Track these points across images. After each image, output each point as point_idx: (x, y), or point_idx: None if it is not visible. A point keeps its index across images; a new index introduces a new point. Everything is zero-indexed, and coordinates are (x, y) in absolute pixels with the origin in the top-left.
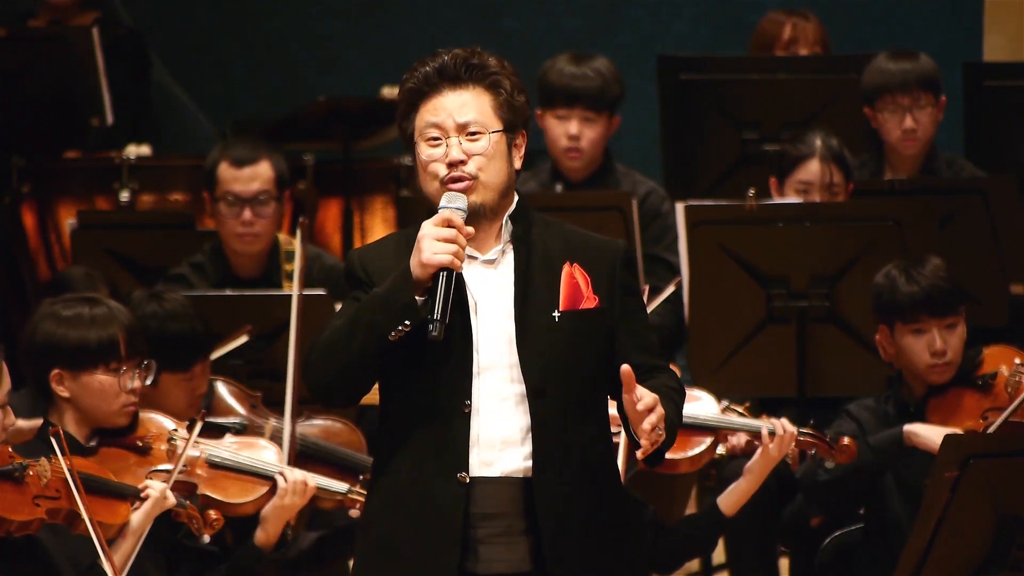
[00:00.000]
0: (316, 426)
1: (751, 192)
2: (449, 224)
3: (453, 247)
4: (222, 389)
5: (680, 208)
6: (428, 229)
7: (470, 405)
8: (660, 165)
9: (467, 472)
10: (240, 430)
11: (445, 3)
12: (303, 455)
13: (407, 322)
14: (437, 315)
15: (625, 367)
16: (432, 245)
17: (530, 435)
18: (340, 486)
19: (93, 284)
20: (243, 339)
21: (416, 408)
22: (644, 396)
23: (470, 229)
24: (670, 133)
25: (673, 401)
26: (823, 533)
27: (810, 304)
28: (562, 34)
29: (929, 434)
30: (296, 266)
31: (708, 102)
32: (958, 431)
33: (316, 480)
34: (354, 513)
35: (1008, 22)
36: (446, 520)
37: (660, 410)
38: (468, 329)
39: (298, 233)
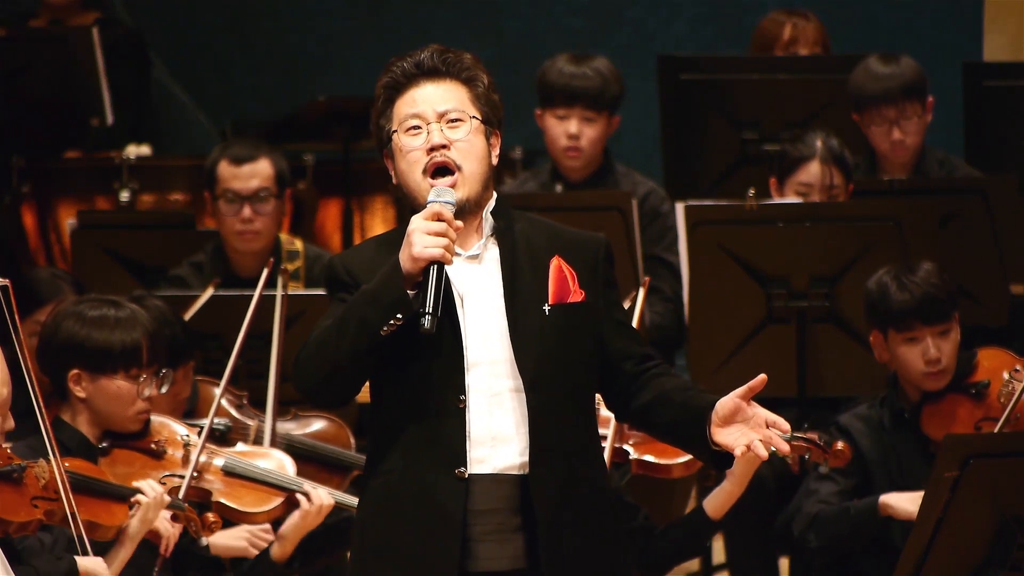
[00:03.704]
0: (303, 425)
1: (751, 192)
2: (439, 218)
3: (444, 240)
4: (207, 390)
5: (680, 208)
6: (418, 223)
7: (464, 400)
8: (660, 165)
9: (466, 468)
10: (225, 431)
11: (445, 3)
12: (290, 455)
13: (398, 316)
14: (429, 308)
15: (763, 376)
16: (423, 239)
17: (524, 430)
18: (355, 501)
19: (58, 287)
20: (209, 292)
21: (409, 405)
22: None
23: (459, 223)
24: (670, 133)
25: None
26: None
27: (810, 304)
28: (562, 34)
29: (904, 504)
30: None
31: (708, 102)
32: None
33: (334, 496)
34: None
35: (1008, 22)
36: (446, 518)
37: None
38: (456, 324)
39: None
